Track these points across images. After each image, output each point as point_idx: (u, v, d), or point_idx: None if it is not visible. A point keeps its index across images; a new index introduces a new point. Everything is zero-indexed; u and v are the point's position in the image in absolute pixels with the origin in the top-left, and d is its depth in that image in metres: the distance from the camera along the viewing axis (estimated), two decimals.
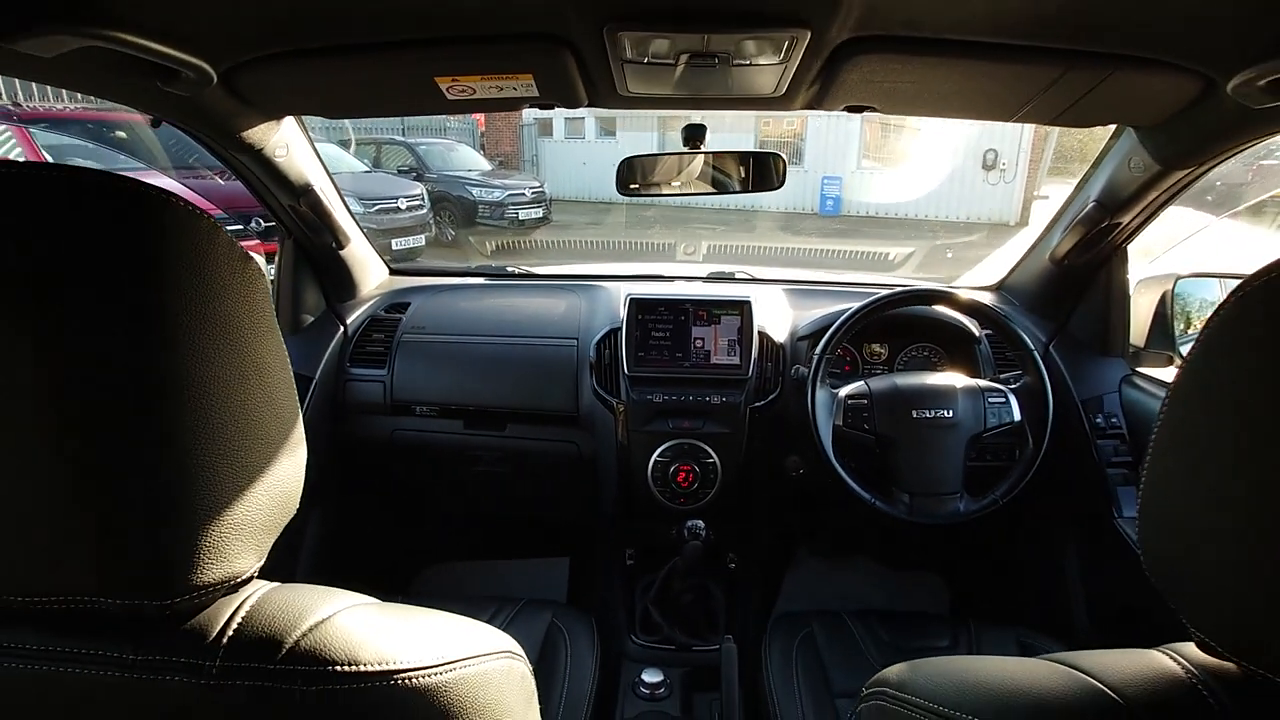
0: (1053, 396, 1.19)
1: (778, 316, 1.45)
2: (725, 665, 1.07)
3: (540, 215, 8.22)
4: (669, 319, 1.36)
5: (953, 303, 1.26)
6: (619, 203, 9.10)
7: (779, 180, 1.27)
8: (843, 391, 1.23)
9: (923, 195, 9.53)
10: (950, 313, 1.36)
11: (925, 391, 1.20)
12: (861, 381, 1.24)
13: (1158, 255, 1.67)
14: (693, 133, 1.18)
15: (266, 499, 0.40)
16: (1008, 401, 1.20)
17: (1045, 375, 1.19)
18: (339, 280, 1.52)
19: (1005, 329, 1.23)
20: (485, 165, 9.15)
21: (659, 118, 9.04)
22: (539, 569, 1.81)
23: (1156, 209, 1.17)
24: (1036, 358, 1.20)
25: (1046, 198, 8.91)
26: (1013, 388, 1.22)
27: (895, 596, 1.76)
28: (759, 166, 1.27)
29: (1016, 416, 1.19)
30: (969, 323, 1.37)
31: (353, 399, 1.46)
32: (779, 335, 1.40)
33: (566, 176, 11.12)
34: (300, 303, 1.45)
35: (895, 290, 1.25)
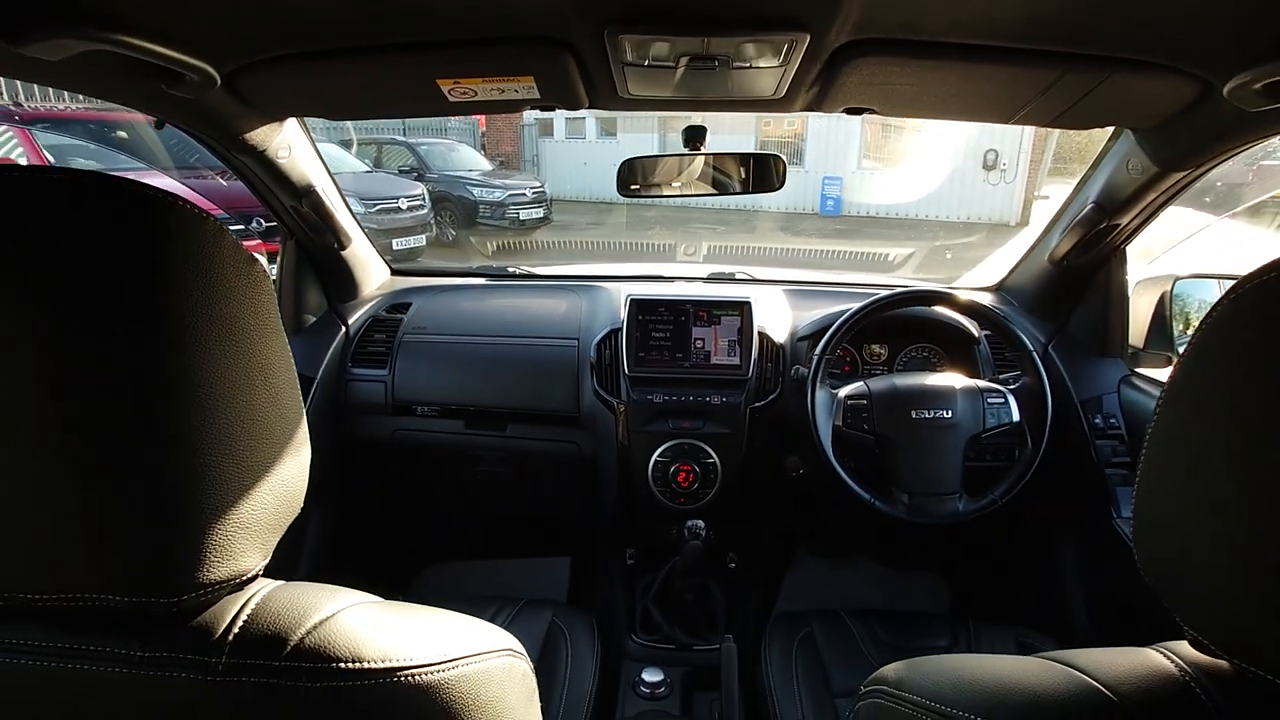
0: (1052, 397, 1.19)
1: (778, 317, 1.45)
2: (725, 665, 1.08)
3: (541, 215, 8.22)
4: (669, 319, 1.36)
5: (952, 303, 1.26)
6: (619, 203, 9.09)
7: (779, 181, 1.27)
8: (842, 392, 1.23)
9: (923, 195, 9.51)
10: (950, 313, 1.36)
11: (924, 392, 1.20)
12: (861, 382, 1.24)
13: (1157, 255, 1.67)
14: (693, 134, 1.18)
15: (272, 498, 0.40)
16: (1006, 402, 1.20)
17: (1044, 376, 1.20)
18: (341, 281, 1.52)
19: (1004, 330, 1.23)
20: (486, 165, 9.14)
21: (659, 118, 9.02)
22: (540, 568, 1.81)
23: (1155, 210, 1.17)
24: (1035, 358, 1.21)
25: (1047, 198, 8.89)
26: (1012, 388, 1.23)
27: (895, 596, 1.76)
28: (759, 168, 1.27)
29: (1015, 417, 1.20)
30: (968, 323, 1.38)
31: (354, 399, 1.46)
32: (779, 336, 1.41)
33: (567, 176, 11.11)
34: (302, 303, 1.45)
35: (895, 291, 1.25)
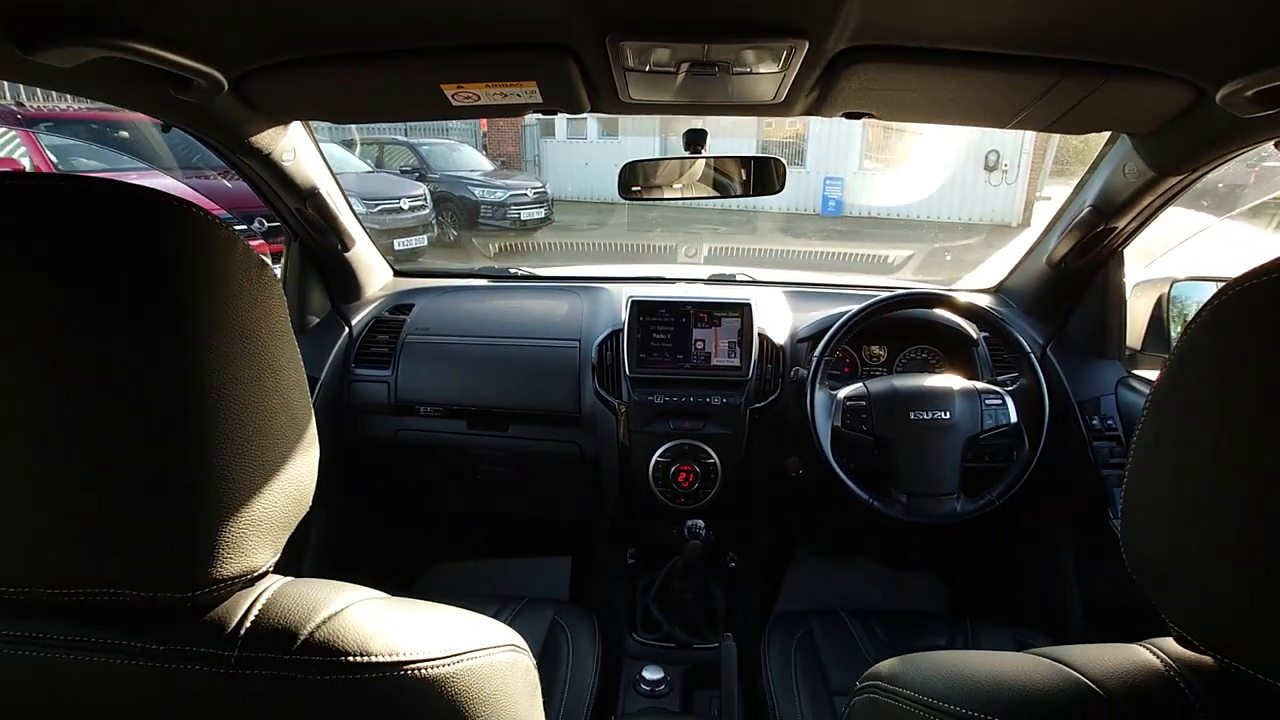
0: (1049, 398, 1.20)
1: (778, 319, 1.46)
2: (725, 663, 1.08)
3: (542, 215, 8.22)
4: (670, 321, 1.37)
5: (951, 305, 1.26)
6: (621, 204, 9.06)
7: (779, 184, 1.28)
8: (841, 393, 1.24)
9: (925, 196, 9.50)
10: (949, 315, 1.37)
11: (923, 393, 1.21)
12: (860, 383, 1.25)
13: (1157, 257, 1.68)
14: (694, 137, 1.19)
15: (282, 496, 0.41)
16: (1004, 403, 1.21)
17: (1041, 378, 1.20)
18: (344, 282, 1.53)
19: (1002, 332, 1.24)
20: (488, 165, 9.13)
21: (661, 120, 9.03)
22: (541, 568, 1.82)
23: (1151, 214, 1.18)
24: (1033, 360, 1.21)
25: (1049, 199, 8.88)
26: (1009, 390, 1.23)
27: (894, 596, 1.76)
28: (759, 170, 1.28)
29: (1013, 418, 1.21)
30: (967, 325, 1.38)
31: (357, 399, 1.47)
32: (779, 337, 1.41)
33: (569, 177, 11.12)
34: (306, 304, 1.47)
35: (894, 293, 1.26)
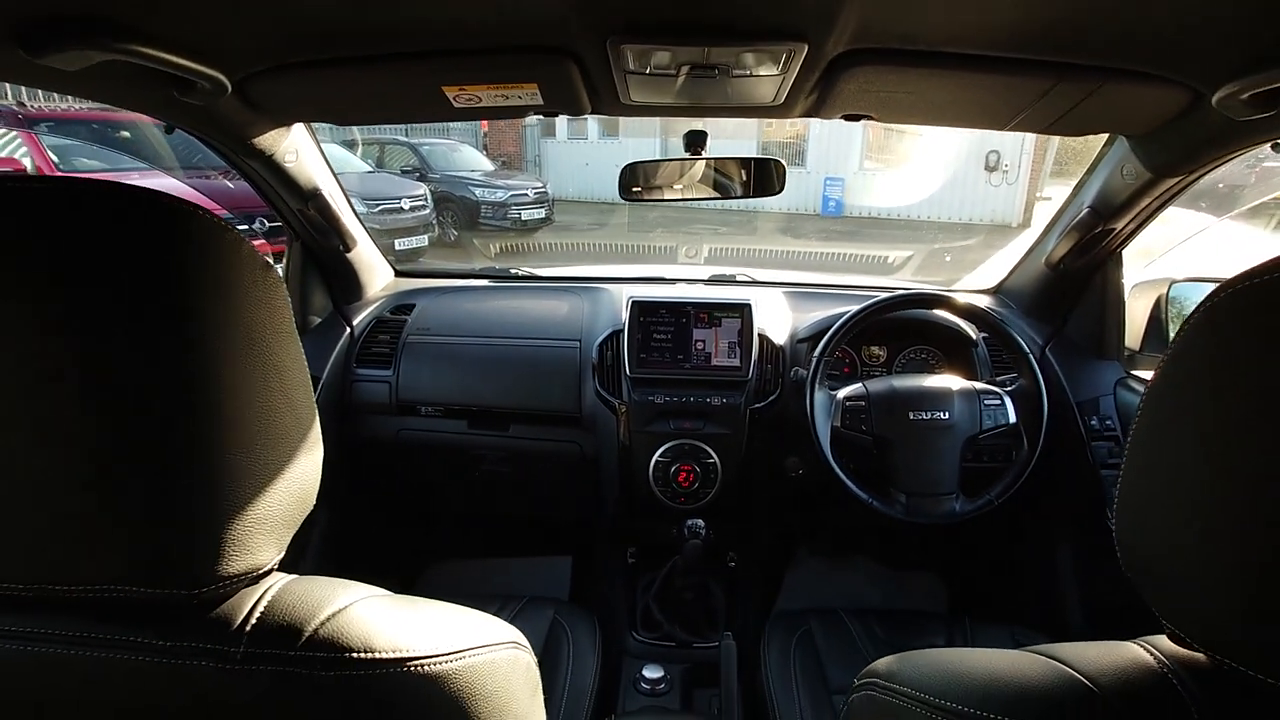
0: (1048, 399, 1.20)
1: (778, 319, 1.47)
2: (724, 662, 1.09)
3: (543, 216, 8.22)
4: (670, 321, 1.38)
5: (950, 306, 1.27)
6: (621, 204, 8.95)
7: (779, 185, 1.28)
8: (841, 393, 1.24)
9: (925, 196, 9.50)
10: (948, 316, 1.38)
11: (922, 394, 1.21)
12: (860, 384, 1.26)
13: (1156, 257, 1.68)
14: (694, 139, 1.19)
15: (287, 495, 0.42)
16: (1003, 404, 1.22)
17: (1040, 378, 1.21)
18: (346, 282, 1.54)
19: (1001, 332, 1.24)
20: (488, 166, 9.13)
21: (661, 120, 9.02)
22: (542, 567, 1.82)
23: (1149, 215, 1.19)
24: (1032, 361, 1.22)
25: (1049, 199, 8.88)
26: (1008, 390, 1.24)
27: (894, 596, 1.77)
28: (760, 171, 1.28)
29: (1012, 419, 1.21)
30: (966, 326, 1.39)
31: (359, 399, 1.48)
32: (779, 338, 1.42)
33: (569, 177, 11.12)
34: (308, 304, 1.47)
35: (894, 294, 1.27)
